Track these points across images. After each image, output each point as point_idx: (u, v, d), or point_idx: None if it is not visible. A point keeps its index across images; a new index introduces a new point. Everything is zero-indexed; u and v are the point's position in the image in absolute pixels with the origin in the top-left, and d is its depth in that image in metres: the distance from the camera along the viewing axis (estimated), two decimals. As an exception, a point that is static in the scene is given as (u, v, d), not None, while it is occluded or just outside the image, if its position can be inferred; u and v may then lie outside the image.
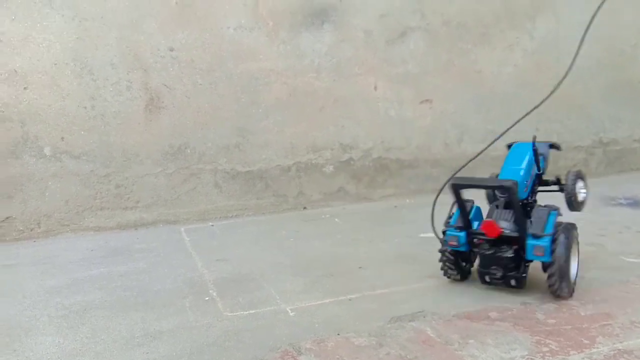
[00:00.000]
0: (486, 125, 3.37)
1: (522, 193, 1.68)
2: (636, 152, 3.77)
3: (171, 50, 2.75)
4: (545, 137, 3.59)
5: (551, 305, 1.56)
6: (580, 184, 1.78)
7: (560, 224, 1.60)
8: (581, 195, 1.78)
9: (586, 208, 1.76)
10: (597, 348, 1.31)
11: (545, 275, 1.57)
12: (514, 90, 3.47)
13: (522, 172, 1.71)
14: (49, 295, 1.84)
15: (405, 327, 1.46)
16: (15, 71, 2.54)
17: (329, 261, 2.08)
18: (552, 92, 1.82)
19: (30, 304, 1.77)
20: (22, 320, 1.64)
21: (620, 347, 1.30)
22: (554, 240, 1.54)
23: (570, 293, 1.59)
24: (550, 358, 1.27)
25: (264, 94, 2.94)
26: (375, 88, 3.15)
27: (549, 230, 1.56)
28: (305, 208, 3.06)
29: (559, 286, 1.54)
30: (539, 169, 1.80)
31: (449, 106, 3.29)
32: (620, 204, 2.88)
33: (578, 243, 1.69)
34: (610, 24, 3.67)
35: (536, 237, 1.54)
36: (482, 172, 1.98)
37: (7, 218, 2.59)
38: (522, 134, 3.51)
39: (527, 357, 1.28)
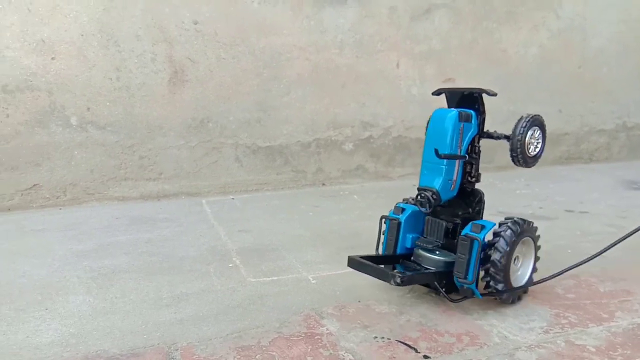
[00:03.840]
0: (508, 107, 3.34)
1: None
2: (660, 138, 3.72)
3: (195, 23, 2.76)
4: (567, 120, 3.56)
5: (570, 282, 1.58)
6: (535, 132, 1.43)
7: None
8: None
9: (608, 191, 1.73)
10: (616, 322, 1.32)
11: None
12: (538, 71, 3.43)
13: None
14: (78, 259, 1.90)
15: (424, 297, 1.49)
16: (43, 41, 2.58)
17: (348, 235, 2.11)
18: None
19: (59, 266, 1.83)
20: (53, 281, 1.70)
21: (639, 322, 1.32)
22: None
23: None
24: (569, 329, 1.29)
25: (286, 69, 2.95)
26: (398, 65, 3.13)
27: None
28: (323, 184, 3.09)
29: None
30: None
31: (472, 85, 3.26)
32: (642, 188, 2.86)
33: None
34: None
35: None
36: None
37: (35, 185, 2.66)
38: (544, 116, 3.48)
39: (546, 328, 1.30)
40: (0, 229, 2.30)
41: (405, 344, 1.23)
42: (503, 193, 2.80)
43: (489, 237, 1.37)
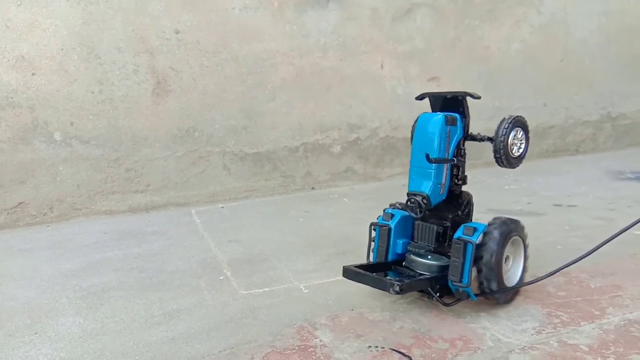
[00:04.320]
0: (494, 102, 3.36)
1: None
2: (645, 126, 3.76)
3: (177, 32, 2.74)
4: (553, 114, 3.58)
5: (561, 279, 1.58)
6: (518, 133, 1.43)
7: None
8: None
9: (595, 183, 1.74)
10: (608, 319, 1.33)
11: None
12: (522, 66, 3.45)
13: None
14: (66, 278, 1.87)
15: (417, 302, 1.49)
16: (23, 57, 2.55)
17: (340, 240, 2.11)
18: None
19: (48, 287, 1.80)
20: (42, 303, 1.67)
21: (631, 318, 1.32)
22: None
23: None
24: (562, 329, 1.29)
25: (271, 75, 2.94)
26: (382, 66, 3.13)
27: None
28: (313, 188, 3.08)
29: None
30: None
31: (456, 83, 3.28)
32: (629, 179, 2.88)
33: None
34: (619, -4, 3.63)
35: None
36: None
37: (20, 203, 2.63)
38: (529, 110, 3.50)
39: (538, 328, 1.30)
40: (-14, 250, 2.27)
41: (400, 352, 1.23)
42: (492, 189, 2.81)
43: (479, 239, 1.37)
